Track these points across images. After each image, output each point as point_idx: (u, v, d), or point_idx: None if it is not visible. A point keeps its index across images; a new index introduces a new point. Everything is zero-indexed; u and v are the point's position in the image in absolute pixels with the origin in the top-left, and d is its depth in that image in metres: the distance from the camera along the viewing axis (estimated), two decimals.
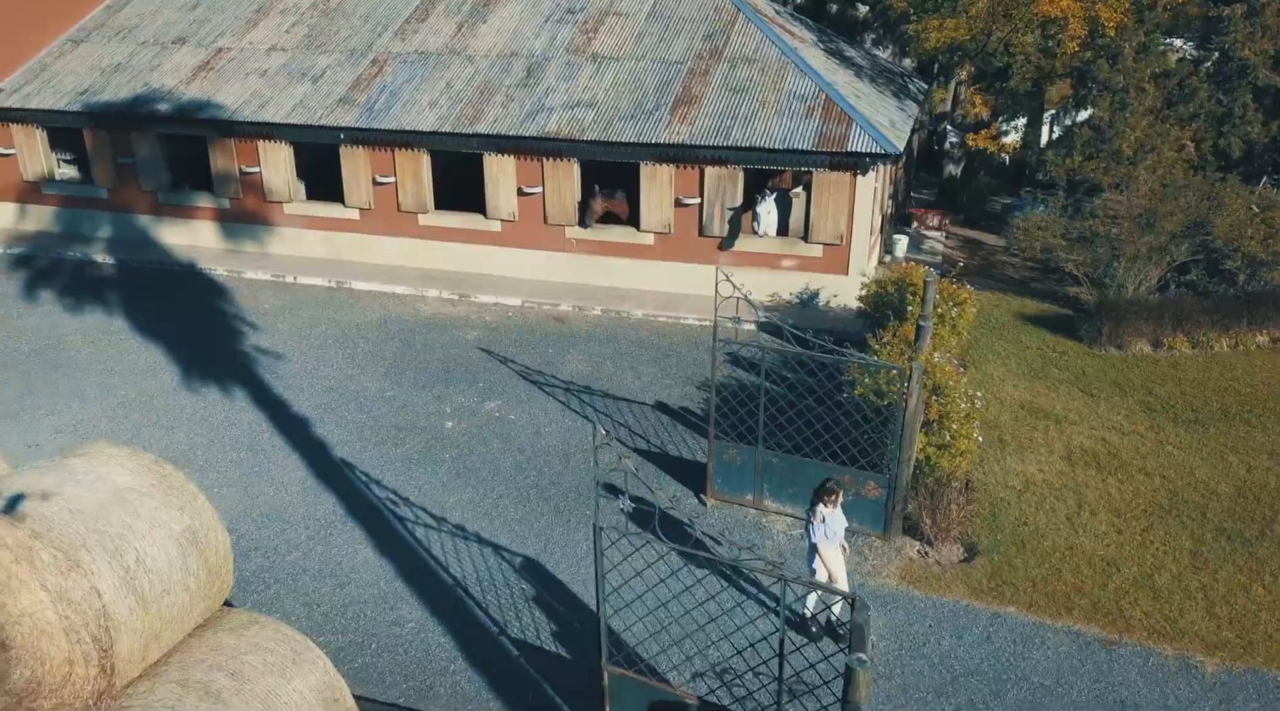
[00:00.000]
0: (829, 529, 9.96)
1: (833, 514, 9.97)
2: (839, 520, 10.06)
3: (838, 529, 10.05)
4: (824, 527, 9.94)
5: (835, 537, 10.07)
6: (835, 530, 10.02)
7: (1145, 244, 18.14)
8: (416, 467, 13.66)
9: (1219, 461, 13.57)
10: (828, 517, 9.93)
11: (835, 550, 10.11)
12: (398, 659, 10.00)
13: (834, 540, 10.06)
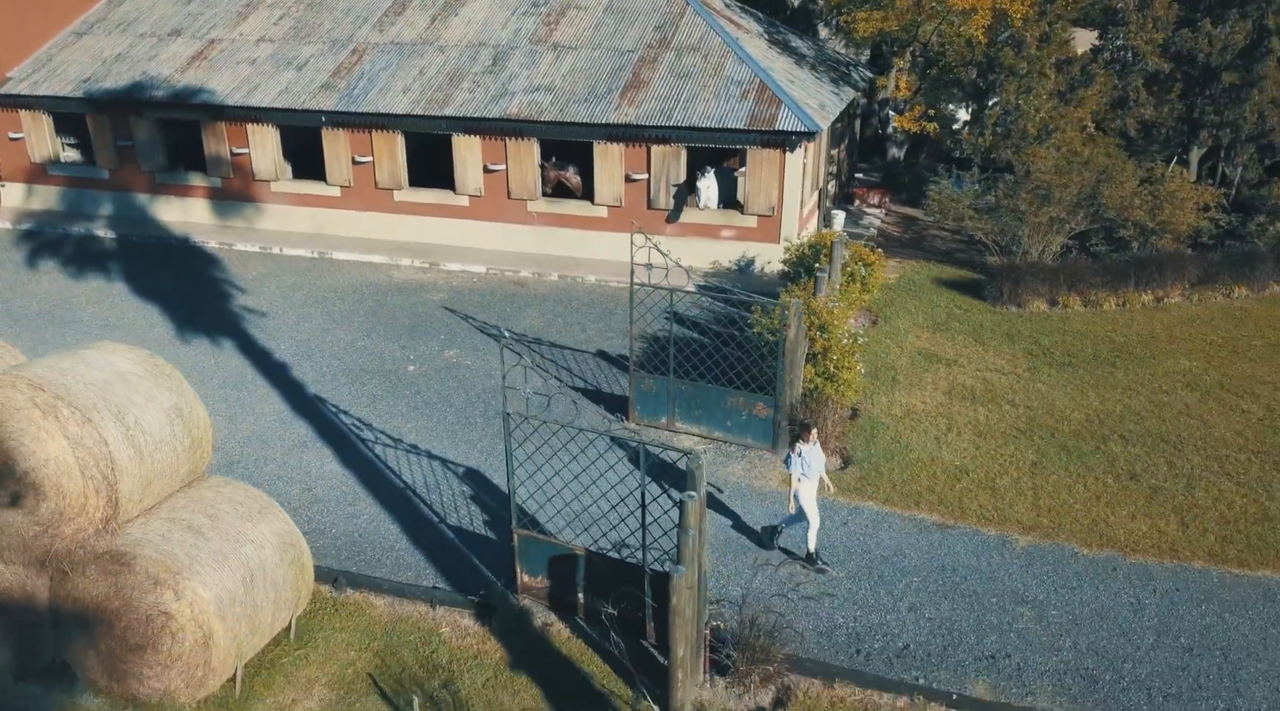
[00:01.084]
0: (805, 463, 10.99)
1: (810, 450, 10.99)
2: (816, 456, 11.06)
3: (814, 464, 11.02)
4: (801, 462, 10.98)
5: (813, 472, 11.05)
6: (810, 463, 10.99)
7: (1045, 214, 20.12)
8: (379, 401, 15.68)
9: (1078, 395, 15.58)
10: (804, 453, 10.99)
11: (811, 483, 11.06)
12: (353, 541, 12.00)
13: (812, 474, 11.05)
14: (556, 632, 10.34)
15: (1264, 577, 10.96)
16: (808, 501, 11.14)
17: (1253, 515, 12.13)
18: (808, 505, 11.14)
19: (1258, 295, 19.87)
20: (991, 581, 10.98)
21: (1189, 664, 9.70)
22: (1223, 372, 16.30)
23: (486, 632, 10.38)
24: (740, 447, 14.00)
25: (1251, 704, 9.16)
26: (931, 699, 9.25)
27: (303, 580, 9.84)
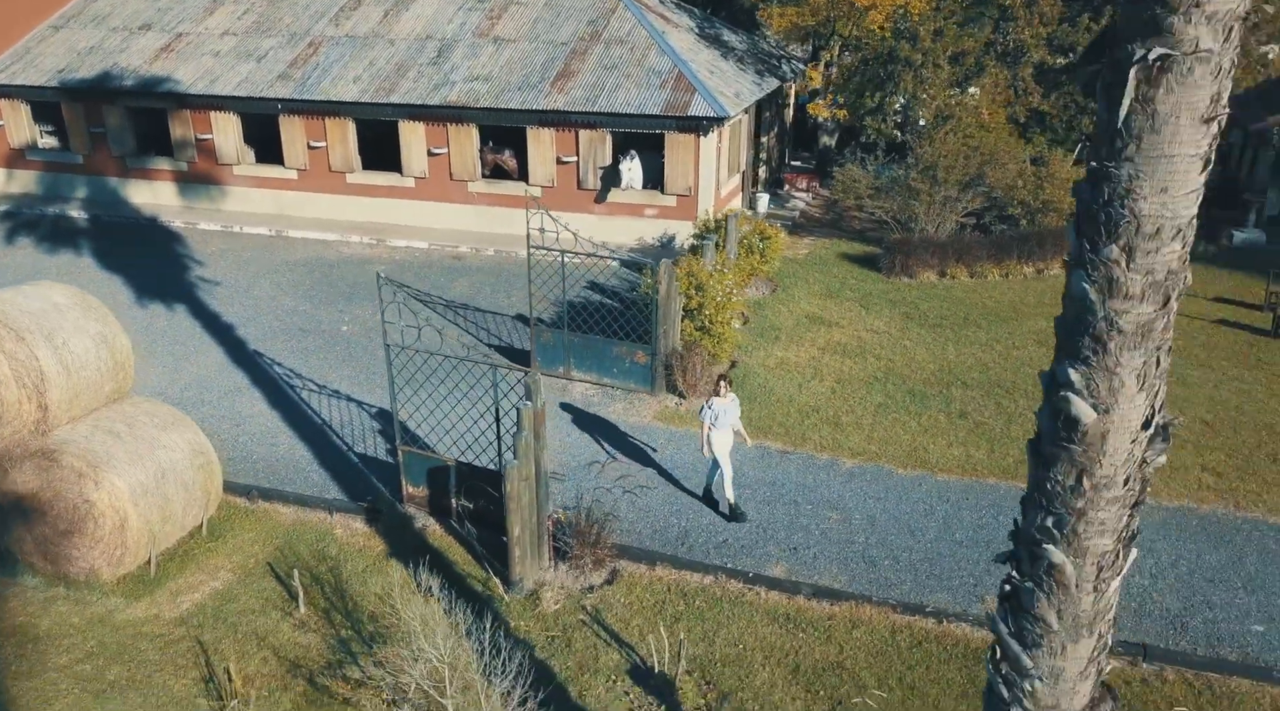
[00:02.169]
0: (714, 415, 11.86)
1: (721, 402, 11.85)
2: (728, 410, 11.91)
3: (725, 416, 11.87)
4: (711, 414, 11.86)
5: (724, 424, 11.86)
6: (719, 415, 11.83)
7: (939, 194, 21.89)
8: (312, 356, 17.45)
9: (938, 350, 17.35)
10: (715, 405, 11.85)
11: (724, 434, 11.90)
12: (271, 465, 13.77)
13: (722, 426, 11.86)
14: (432, 531, 12.13)
15: None
16: (720, 451, 11.97)
17: None
18: (721, 455, 11.98)
19: None
20: (812, 493, 12.76)
21: (956, 552, 11.48)
22: None
23: (373, 532, 12.16)
24: (624, 391, 15.79)
25: (998, 579, 10.92)
26: (731, 576, 11.03)
27: (212, 483, 11.62)
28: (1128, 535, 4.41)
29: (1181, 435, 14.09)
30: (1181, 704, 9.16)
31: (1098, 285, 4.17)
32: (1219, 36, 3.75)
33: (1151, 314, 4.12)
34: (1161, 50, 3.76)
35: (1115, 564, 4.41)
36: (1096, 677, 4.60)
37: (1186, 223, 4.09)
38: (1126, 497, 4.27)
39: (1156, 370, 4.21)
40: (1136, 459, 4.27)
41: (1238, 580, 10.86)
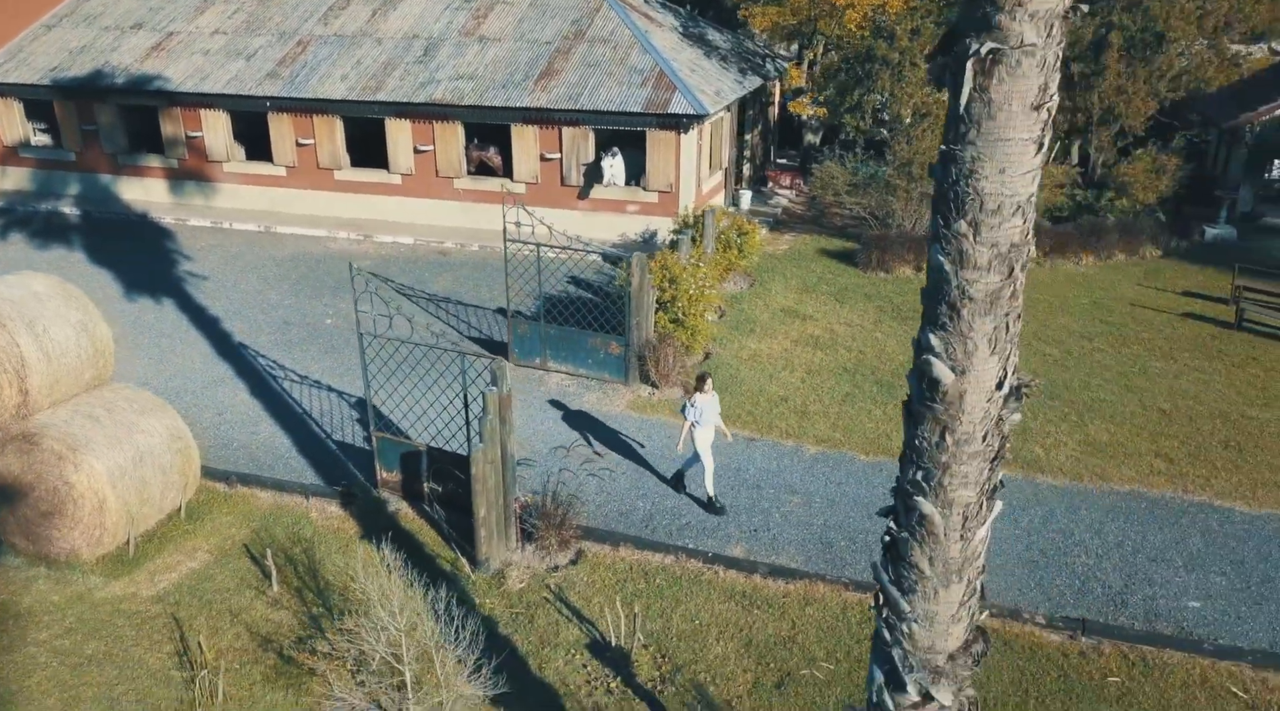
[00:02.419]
0: (699, 412, 12.06)
1: (704, 399, 12.03)
2: (711, 406, 12.13)
3: (708, 412, 12.07)
4: (695, 411, 12.06)
5: (707, 420, 12.07)
6: (704, 412, 12.04)
7: (915, 190, 22.24)
8: (295, 348, 17.81)
9: (909, 342, 17.69)
10: (698, 401, 12.04)
11: (706, 430, 12.11)
12: (251, 452, 14.12)
13: (706, 423, 12.08)
14: (404, 515, 12.49)
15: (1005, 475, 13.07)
16: (703, 447, 12.19)
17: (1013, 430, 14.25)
18: (703, 450, 12.21)
19: (1104, 262, 22.01)
20: (776, 478, 13.12)
21: None
22: (1042, 324, 18.44)
23: (348, 516, 12.52)
24: (599, 381, 16.15)
25: None
26: (691, 556, 11.40)
27: (189, 467, 11.98)
28: (990, 487, 4.76)
29: (1137, 423, 14.45)
30: (1116, 675, 9.52)
31: (951, 257, 4.52)
32: (1042, 32, 4.11)
33: (998, 283, 4.47)
34: (992, 44, 4.12)
35: (980, 514, 4.75)
36: (969, 621, 4.95)
37: (1025, 200, 4.44)
38: (986, 452, 4.62)
39: (1007, 335, 4.56)
40: (993, 417, 4.62)
41: (1179, 559, 11.22)
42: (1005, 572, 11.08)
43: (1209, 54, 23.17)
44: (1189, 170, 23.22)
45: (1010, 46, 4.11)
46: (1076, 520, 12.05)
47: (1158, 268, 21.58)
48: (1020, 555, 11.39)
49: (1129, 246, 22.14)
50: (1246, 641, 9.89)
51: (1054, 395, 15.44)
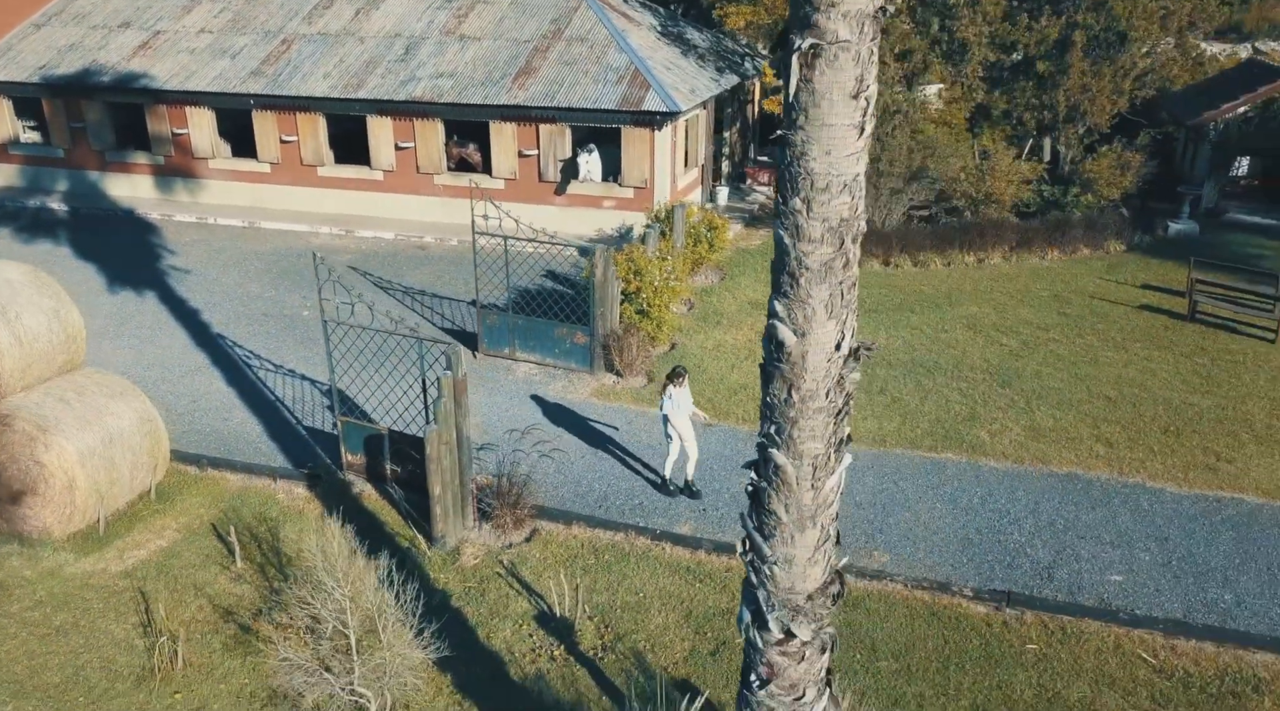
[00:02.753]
0: (675, 404, 12.28)
1: (679, 391, 12.27)
2: (685, 396, 12.35)
3: (683, 403, 12.33)
4: (671, 402, 12.28)
5: (682, 410, 12.32)
6: (680, 404, 12.29)
7: (884, 186, 22.70)
8: (272, 338, 18.25)
9: (870, 333, 18.13)
10: (674, 394, 12.24)
11: (683, 419, 12.40)
12: (222, 439, 14.56)
13: (681, 412, 12.33)
14: (368, 496, 12.94)
15: (944, 458, 13.56)
16: (686, 435, 12.50)
17: (961, 416, 14.74)
18: (688, 440, 12.53)
19: (1068, 256, 22.44)
20: (729, 461, 13.56)
21: (854, 513, 12.28)
22: (1001, 316, 18.89)
23: (313, 497, 12.97)
24: (565, 370, 16.61)
25: (892, 541, 11.75)
26: (640, 533, 11.85)
27: (159, 449, 12.43)
28: (836, 440, 5.20)
29: (1083, 410, 14.91)
30: (1035, 642, 9.97)
31: (789, 231, 4.97)
32: (855, 30, 4.56)
33: (831, 254, 4.92)
34: (812, 40, 4.58)
35: (829, 464, 5.19)
36: (825, 564, 5.38)
37: (852, 178, 4.89)
38: (830, 408, 5.06)
39: (843, 301, 5.00)
40: (835, 376, 5.05)
41: (1108, 536, 11.67)
42: (940, 549, 11.54)
43: (1174, 53, 23.60)
44: (1153, 167, 23.66)
45: (828, 42, 4.56)
46: (1014, 500, 12.51)
47: (1120, 262, 22.03)
48: (956, 533, 11.85)
49: (1093, 241, 22.58)
50: (1162, 612, 10.34)
51: (1005, 383, 15.89)
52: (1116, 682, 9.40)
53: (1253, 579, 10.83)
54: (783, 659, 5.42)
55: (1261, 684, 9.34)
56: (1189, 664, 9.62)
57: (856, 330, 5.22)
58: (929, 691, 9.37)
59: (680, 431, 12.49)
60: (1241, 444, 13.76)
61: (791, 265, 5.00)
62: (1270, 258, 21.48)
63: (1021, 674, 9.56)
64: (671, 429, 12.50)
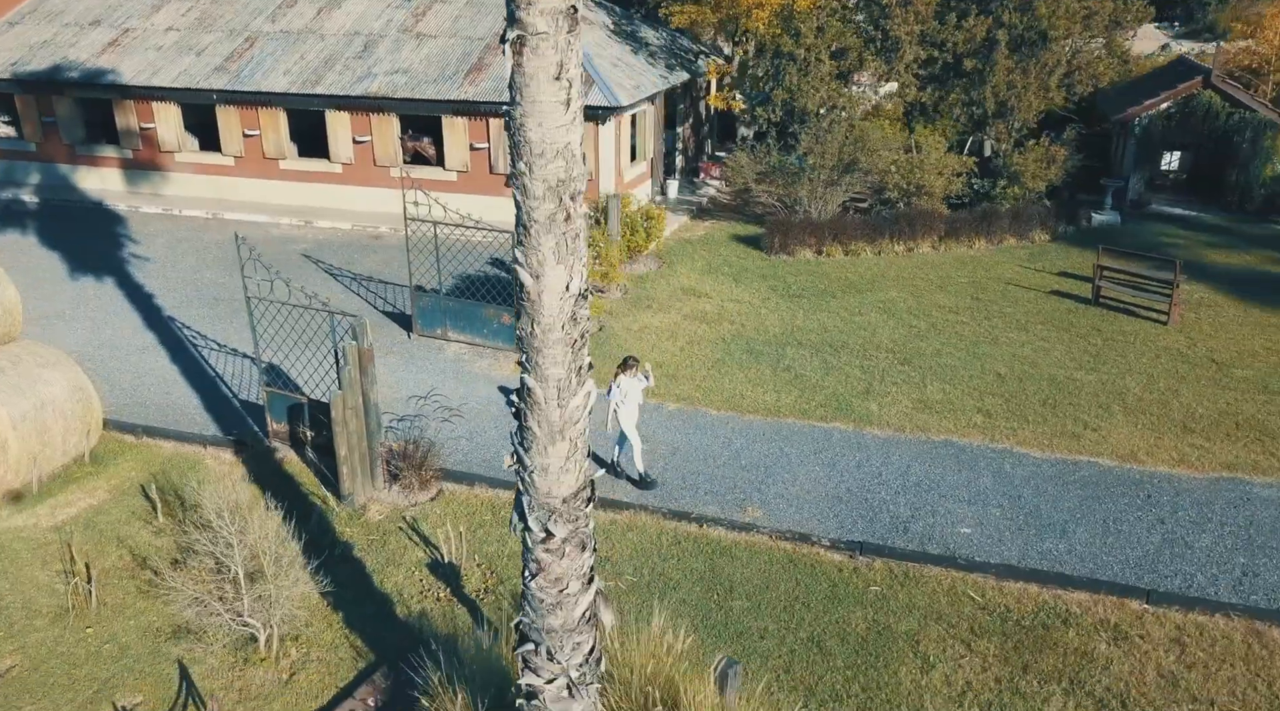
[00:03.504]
0: (622, 393, 12.64)
1: (628, 381, 12.64)
2: (634, 386, 12.72)
3: (633, 393, 12.70)
4: (618, 392, 12.63)
5: (631, 400, 12.68)
6: (628, 393, 12.66)
7: (818, 178, 23.62)
8: (220, 320, 19.16)
9: (789, 317, 19.07)
10: (623, 383, 12.64)
11: (630, 409, 12.67)
12: (162, 410, 15.47)
13: (630, 402, 12.68)
14: (289, 460, 13.86)
15: (832, 427, 14.48)
16: (628, 426, 12.81)
17: (857, 390, 15.66)
18: (629, 430, 12.82)
19: (995, 246, 23.37)
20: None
21: (738, 474, 13.21)
22: (917, 300, 19.81)
23: (238, 461, 13.88)
24: (493, 349, 17.54)
25: (768, 499, 12.66)
26: None
27: (91, 415, 13.34)
28: (577, 367, 6.09)
29: (972, 385, 15.83)
30: (878, 585, 10.89)
31: (519, 190, 5.88)
32: (551, 24, 5.48)
33: (553, 209, 5.83)
34: (518, 32, 5.51)
35: (570, 387, 6.08)
36: (577, 473, 6.27)
37: (564, 146, 5.78)
38: (567, 339, 5.95)
39: (568, 249, 5.89)
40: (568, 312, 5.95)
41: (966, 495, 12.60)
42: (811, 506, 12.45)
43: (1101, 52, 24.51)
44: (1078, 160, 24.58)
45: (530, 34, 5.48)
46: (888, 464, 13.43)
47: (1043, 251, 22.96)
48: (828, 492, 12.77)
49: (1019, 231, 23.51)
50: (999, 559, 11.26)
51: (905, 361, 16.81)
52: (943, 617, 10.32)
53: (1087, 531, 11.76)
54: (547, 555, 6.32)
55: (1071, 617, 10.26)
56: (1011, 601, 10.55)
57: (585, 275, 6.12)
58: (773, 626, 10.28)
59: (624, 420, 12.76)
60: (1111, 414, 14.69)
61: (524, 218, 5.92)
62: (1181, 246, 22.44)
63: (860, 611, 10.48)
64: (617, 419, 12.72)
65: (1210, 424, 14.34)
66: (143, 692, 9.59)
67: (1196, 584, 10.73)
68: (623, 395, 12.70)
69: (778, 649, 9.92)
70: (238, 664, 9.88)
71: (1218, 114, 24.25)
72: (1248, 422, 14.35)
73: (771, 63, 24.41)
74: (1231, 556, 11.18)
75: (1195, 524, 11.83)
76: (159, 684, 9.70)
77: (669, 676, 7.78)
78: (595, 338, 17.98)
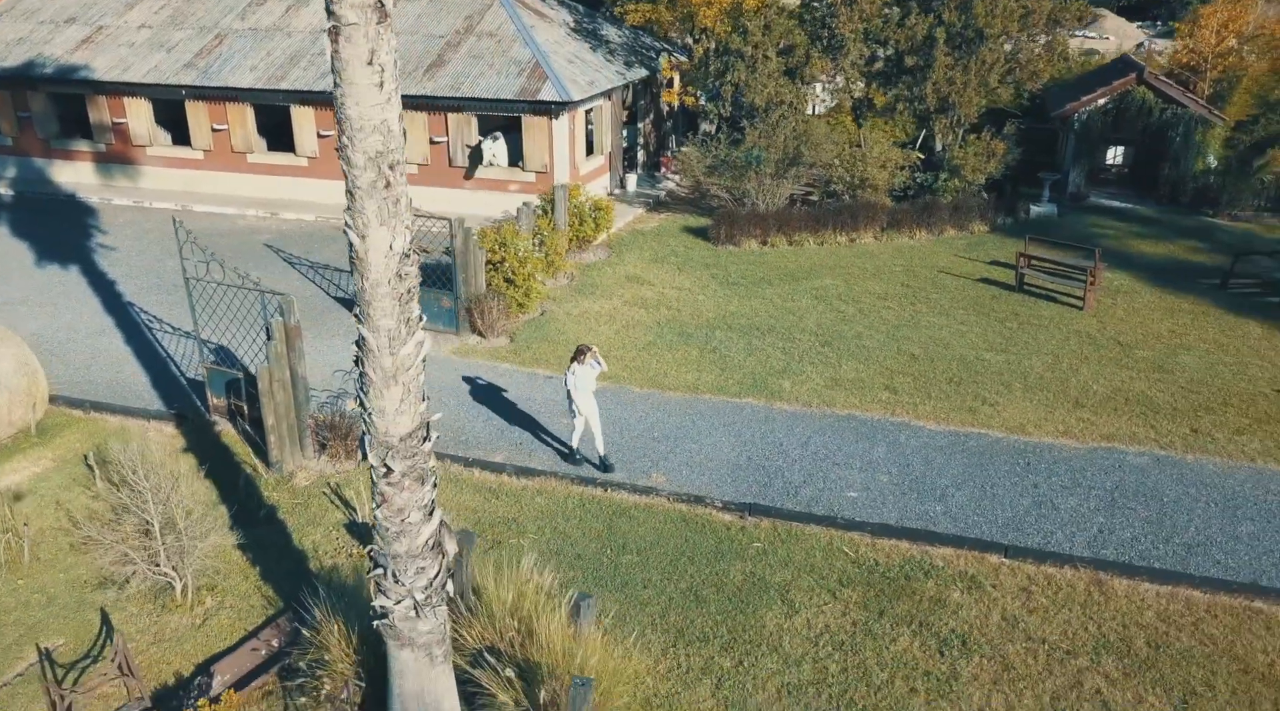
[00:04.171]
0: (577, 381, 12.88)
1: (581, 368, 12.83)
2: (587, 374, 12.90)
3: (584, 380, 12.88)
4: (573, 379, 12.88)
5: (584, 387, 12.91)
6: (581, 380, 12.87)
7: (765, 171, 24.39)
8: (177, 306, 19.87)
9: (725, 303, 19.83)
10: (577, 371, 12.84)
11: (584, 396, 12.97)
12: (112, 387, 16.22)
13: (584, 389, 12.93)
14: (226, 432, 14.62)
15: (744, 403, 15.25)
16: (588, 412, 13.10)
17: (775, 370, 16.43)
18: (590, 415, 13.12)
19: (936, 236, 24.14)
20: (555, 405, 15.22)
21: (650, 445, 13.96)
22: (850, 287, 20.58)
23: (179, 434, 14.64)
24: (435, 331, 18.26)
25: (673, 467, 13.41)
26: (456, 461, 13.54)
27: (36, 389, 14.10)
28: (405, 319, 6.83)
29: (885, 364, 16.60)
30: (760, 542, 11.65)
31: (345, 161, 6.64)
32: (361, 15, 6.22)
33: (373, 177, 6.58)
34: (332, 22, 6.26)
35: (400, 336, 6.82)
36: (412, 414, 7.01)
37: (379, 122, 6.51)
38: (394, 293, 6.70)
39: (390, 213, 6.64)
40: (394, 269, 6.71)
41: (858, 463, 13.36)
42: (712, 473, 13.21)
43: (1040, 49, 25.29)
44: (1018, 154, 25.36)
45: (343, 24, 6.24)
46: (790, 435, 14.19)
47: (981, 241, 23.73)
48: (731, 460, 13.53)
49: (959, 222, 24.29)
50: (879, 519, 12.02)
51: (826, 343, 17.58)
52: (815, 569, 11.09)
53: (966, 495, 12.53)
54: (389, 488, 7.08)
55: (934, 570, 11.03)
56: (881, 556, 11.32)
57: (410, 237, 6.87)
58: (657, 577, 11.04)
59: (581, 407, 13.08)
60: (1011, 391, 15.47)
61: (350, 186, 6.68)
62: (1111, 236, 23.23)
63: (739, 564, 11.24)
64: (574, 404, 13.09)
65: (1102, 400, 15.12)
66: (65, 636, 10.34)
67: (1055, 541, 11.50)
68: (575, 381, 12.96)
69: (657, 597, 10.69)
70: (156, 610, 10.64)
71: (1151, 110, 25.05)
72: (1137, 398, 15.13)
73: (721, 59, 25.17)
74: (1092, 516, 11.96)
75: (1065, 488, 12.60)
76: (82, 628, 10.46)
77: (529, 609, 8.54)
78: (536, 322, 18.77)
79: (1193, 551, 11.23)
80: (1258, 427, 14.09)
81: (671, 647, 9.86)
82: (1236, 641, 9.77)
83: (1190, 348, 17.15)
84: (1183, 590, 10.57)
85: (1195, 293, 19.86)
